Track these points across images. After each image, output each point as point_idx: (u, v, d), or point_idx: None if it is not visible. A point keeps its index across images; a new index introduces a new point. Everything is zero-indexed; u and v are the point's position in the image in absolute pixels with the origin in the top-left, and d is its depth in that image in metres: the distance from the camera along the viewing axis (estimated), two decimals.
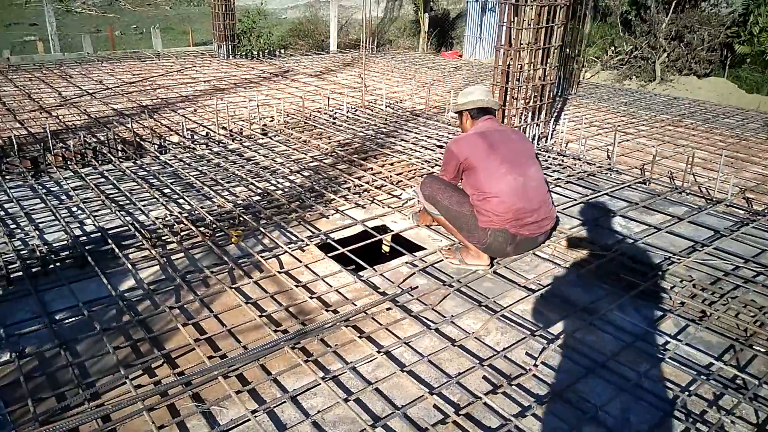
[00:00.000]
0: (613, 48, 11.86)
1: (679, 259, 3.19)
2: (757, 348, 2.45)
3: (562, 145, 5.46)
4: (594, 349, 2.47)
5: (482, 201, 3.00)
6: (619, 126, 6.47)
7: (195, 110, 6.63)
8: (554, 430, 2.03)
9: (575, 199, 4.11)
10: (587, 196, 4.18)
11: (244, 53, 11.17)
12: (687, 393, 2.19)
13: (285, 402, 2.14)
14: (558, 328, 2.62)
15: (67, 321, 2.58)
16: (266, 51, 11.53)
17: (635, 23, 11.47)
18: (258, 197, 4.02)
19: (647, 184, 4.54)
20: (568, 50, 7.80)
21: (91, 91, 7.40)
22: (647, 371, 2.33)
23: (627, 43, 11.56)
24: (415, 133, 5.77)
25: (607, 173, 4.77)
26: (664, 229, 3.63)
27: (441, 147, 5.29)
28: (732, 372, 2.31)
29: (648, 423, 2.06)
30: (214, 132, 5.64)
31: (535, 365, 2.35)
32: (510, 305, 2.79)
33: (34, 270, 2.97)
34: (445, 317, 2.69)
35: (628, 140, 5.90)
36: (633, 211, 3.96)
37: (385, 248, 3.84)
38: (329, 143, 5.34)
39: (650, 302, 2.83)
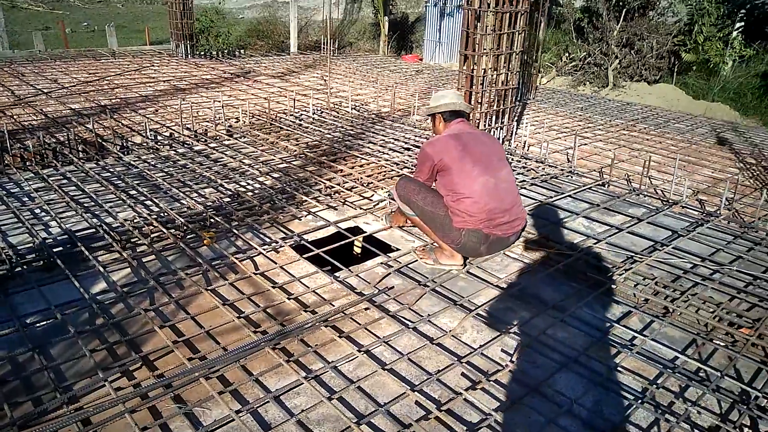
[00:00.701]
0: (567, 54, 12.23)
1: (641, 258, 3.35)
2: (717, 342, 2.61)
3: (525, 149, 5.62)
4: (566, 344, 2.58)
5: (456, 202, 3.07)
6: (577, 130, 6.69)
7: (156, 110, 6.50)
8: (533, 423, 2.10)
9: (540, 201, 4.25)
10: (551, 198, 4.33)
11: (202, 53, 10.99)
12: (655, 386, 2.31)
13: (268, 402, 2.14)
14: (530, 325, 2.71)
15: (39, 324, 2.51)
16: (225, 51, 11.38)
17: (588, 30, 11.86)
18: (228, 199, 3.99)
19: (606, 186, 4.73)
20: (525, 56, 8.02)
21: (46, 90, 7.15)
22: (617, 365, 2.44)
23: (580, 50, 11.95)
24: (382, 135, 5.82)
25: (568, 176, 4.94)
26: (625, 230, 3.80)
27: (409, 149, 5.36)
28: (695, 365, 2.45)
29: (620, 414, 2.17)
30: (179, 133, 5.54)
31: (511, 361, 2.43)
32: (484, 304, 2.87)
33: (0, 273, 2.87)
34: (422, 316, 2.75)
35: (586, 144, 6.12)
36: (594, 212, 4.13)
37: (357, 250, 3.87)
38: (297, 145, 5.34)
39: (616, 300, 2.96)
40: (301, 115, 6.51)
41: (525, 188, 4.55)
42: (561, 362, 2.45)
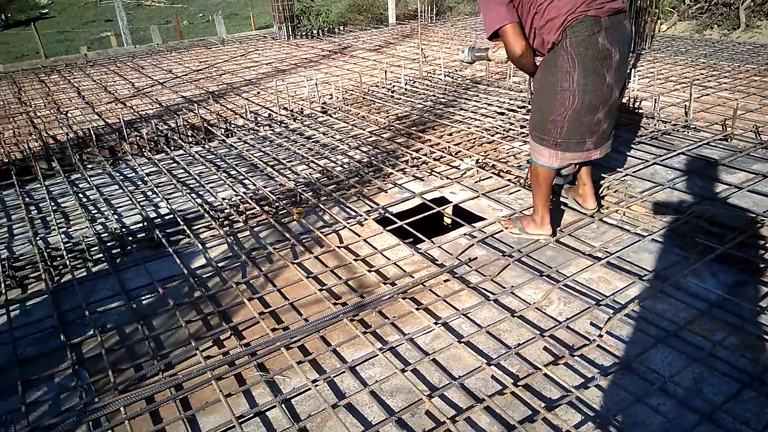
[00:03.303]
0: None
1: (763, 220, 2.96)
2: None
3: (635, 104, 5.16)
4: (665, 318, 2.35)
5: (546, 11, 2.45)
6: (697, 80, 6.03)
7: (258, 93, 6.78)
8: (619, 401, 1.96)
9: (647, 160, 3.89)
10: (660, 156, 3.94)
11: (303, 33, 11.26)
12: (765, 366, 2.05)
13: (344, 372, 2.18)
14: (626, 296, 2.51)
15: (144, 298, 2.75)
16: (326, 29, 11.58)
17: None
18: (318, 175, 4.08)
19: (729, 140, 4.22)
20: (639, 2, 7.32)
21: (161, 81, 7.73)
22: (723, 340, 2.19)
23: None
24: (475, 101, 5.63)
25: (683, 131, 4.47)
26: (746, 188, 3.37)
27: (502, 114, 5.14)
28: None
29: (724, 394, 1.95)
30: (276, 113, 5.75)
31: (600, 335, 2.27)
32: (574, 274, 2.70)
33: (113, 251, 3.17)
34: (504, 288, 2.64)
35: (708, 95, 5.49)
36: (712, 170, 3.70)
37: (447, 220, 3.80)
38: (387, 117, 5.32)
39: (729, 268, 2.65)
40: (393, 86, 6.47)
41: (632, 146, 4.19)
42: (658, 337, 2.25)
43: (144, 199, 3.90)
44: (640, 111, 4.94)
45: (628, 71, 3.37)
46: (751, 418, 1.86)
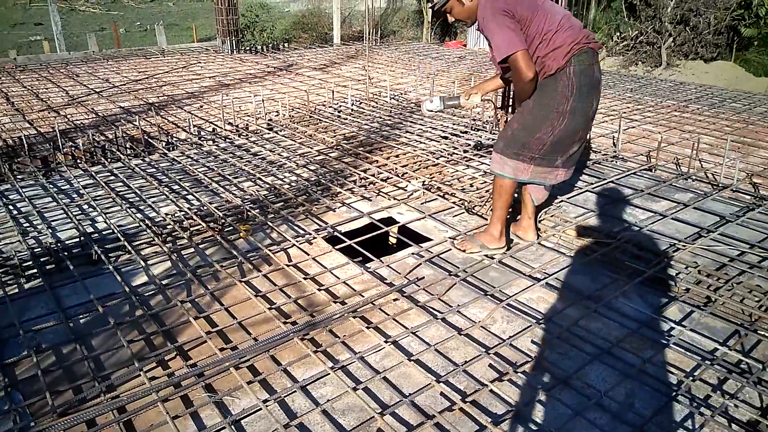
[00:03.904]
0: (618, 34, 11.78)
1: (684, 246, 3.21)
2: (762, 333, 2.47)
3: None
4: (599, 336, 2.50)
5: (552, 40, 2.65)
6: (624, 113, 6.45)
7: (201, 106, 6.68)
8: (559, 416, 2.06)
9: (580, 188, 4.12)
10: (592, 184, 4.19)
11: (248, 48, 11.20)
12: (691, 378, 2.22)
13: (295, 391, 2.19)
14: (563, 315, 2.65)
15: (82, 316, 2.64)
16: (270, 45, 11.56)
17: (640, 8, 11.38)
18: (265, 192, 4.06)
19: (653, 170, 4.54)
20: None
21: (98, 90, 7.47)
22: (652, 357, 2.35)
23: (632, 29, 11.48)
24: (420, 124, 5.79)
25: (612, 161, 4.77)
26: (669, 216, 3.64)
27: (446, 138, 5.30)
28: (736, 357, 2.33)
29: (652, 408, 2.10)
30: (221, 128, 5.68)
31: (542, 353, 2.38)
32: (516, 294, 2.82)
33: (48, 267, 3.04)
34: (451, 307, 2.73)
35: (633, 127, 5.89)
36: (638, 198, 3.97)
37: (392, 240, 3.87)
38: (335, 137, 5.38)
39: (655, 289, 2.85)
40: (340, 106, 6.55)
41: None
42: (593, 354, 2.39)
43: (80, 213, 3.75)
44: None
45: None
46: (677, 428, 2.01)
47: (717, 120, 6.21)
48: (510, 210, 3.24)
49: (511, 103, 5.14)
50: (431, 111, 3.29)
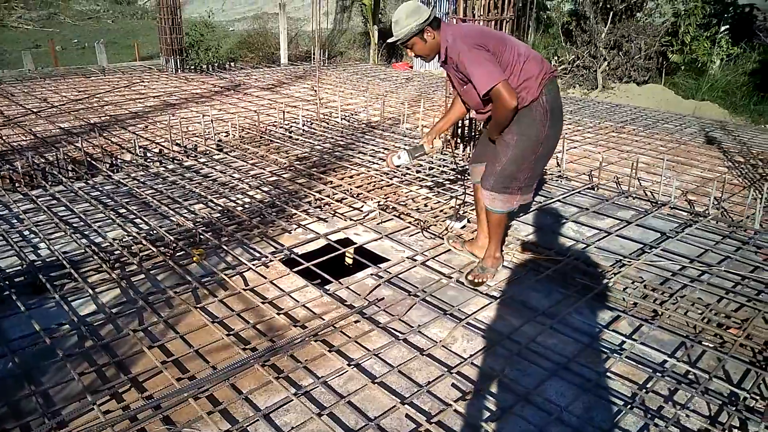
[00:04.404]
0: (556, 58, 12.30)
1: (629, 262, 3.36)
2: (706, 343, 2.61)
3: None
4: (555, 351, 2.58)
5: (522, 72, 2.77)
6: (566, 134, 6.72)
7: (146, 127, 6.51)
8: None
9: (529, 206, 4.26)
10: (540, 203, 4.34)
11: (192, 67, 11.01)
12: (644, 390, 2.32)
13: (258, 420, 2.14)
14: (521, 332, 2.72)
15: (27, 348, 2.50)
16: (215, 64, 11.41)
17: (576, 33, 11.94)
18: (218, 214, 3.99)
19: (596, 189, 4.75)
20: None
21: (35, 110, 7.15)
22: (606, 371, 2.44)
23: (569, 53, 12.01)
24: (372, 145, 5.84)
25: (557, 180, 4.96)
26: (614, 233, 3.81)
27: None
28: (684, 368, 2.45)
29: (610, 421, 2.17)
30: (168, 149, 5.55)
31: (503, 371, 2.43)
32: (474, 312, 2.87)
33: None
34: (412, 327, 2.75)
35: (575, 147, 6.15)
36: (584, 216, 4.14)
37: (349, 260, 3.87)
38: (287, 157, 5.35)
39: (605, 304, 2.97)
40: (291, 127, 6.53)
41: None
42: (551, 370, 2.45)
43: (21, 239, 3.57)
44: None
45: None
46: None
47: (652, 140, 6.57)
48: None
49: (475, 133, 5.29)
50: (400, 166, 3.33)
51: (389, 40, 2.99)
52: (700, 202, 4.51)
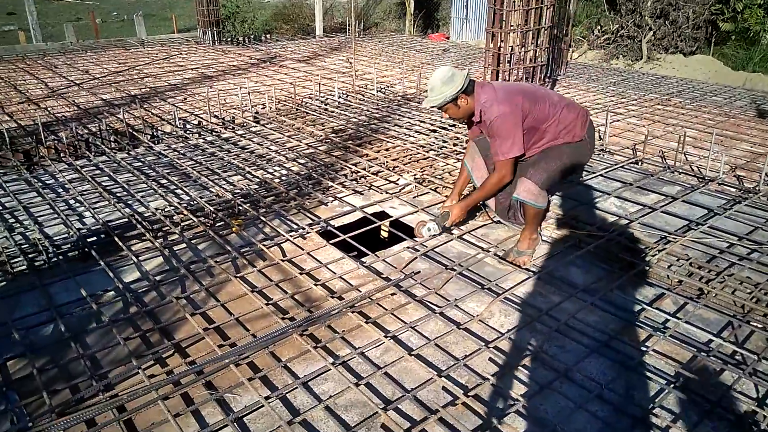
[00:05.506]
0: (599, 27, 11.88)
1: (675, 238, 3.26)
2: (755, 324, 2.53)
3: None
4: (596, 329, 2.53)
5: (561, 118, 3.03)
6: (609, 106, 6.51)
7: (185, 99, 6.58)
8: (561, 409, 2.08)
9: (571, 181, 4.15)
10: (582, 178, 4.23)
11: (229, 39, 11.04)
12: (688, 370, 2.26)
13: (297, 388, 2.17)
14: (560, 309, 2.67)
15: (75, 314, 2.59)
16: (251, 36, 11.41)
17: (620, 2, 11.48)
18: (256, 186, 4.02)
19: (640, 164, 4.60)
20: (555, 30, 7.81)
21: (78, 82, 7.30)
22: (648, 349, 2.39)
23: (613, 22, 11.59)
24: (408, 117, 5.78)
25: (600, 154, 4.82)
26: (659, 209, 3.69)
27: (435, 131, 5.30)
28: (731, 348, 2.38)
29: (651, 400, 2.13)
30: (206, 121, 5.60)
31: (541, 347, 2.40)
32: (512, 288, 2.84)
33: (37, 264, 2.97)
34: (449, 301, 2.73)
35: (618, 120, 5.95)
36: (627, 191, 4.02)
37: (384, 234, 3.87)
38: (323, 130, 5.34)
39: (649, 281, 2.89)
40: (327, 99, 6.50)
41: None
42: (591, 347, 2.41)
43: (67, 208, 3.67)
44: None
45: None
46: (677, 419, 2.04)
47: (699, 113, 6.31)
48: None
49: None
50: (432, 236, 3.33)
51: (423, 104, 3.20)
52: (750, 178, 4.32)
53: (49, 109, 5.95)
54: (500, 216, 3.47)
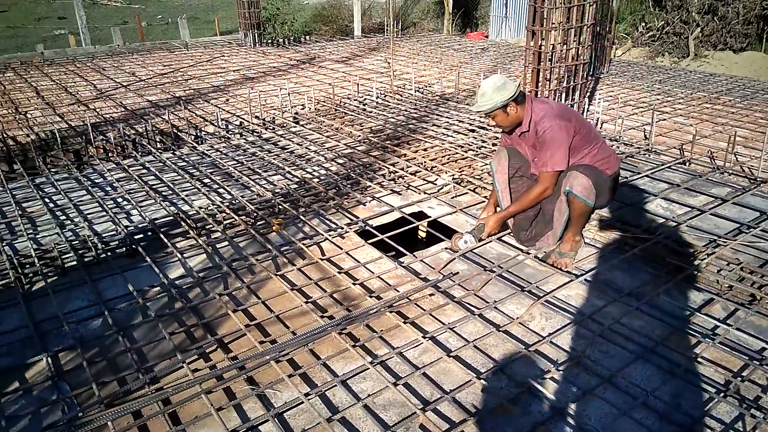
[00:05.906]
0: (643, 24, 11.56)
1: (725, 242, 3.14)
2: None
3: (598, 126, 5.38)
4: (642, 334, 2.46)
5: (603, 147, 3.05)
6: (654, 105, 6.33)
7: (227, 100, 6.71)
8: (605, 415, 2.03)
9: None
10: (627, 178, 4.12)
11: (269, 41, 11.21)
12: (740, 378, 2.17)
13: (336, 386, 2.19)
14: (604, 313, 2.61)
15: (122, 308, 2.67)
16: (291, 38, 11.55)
17: None
18: (295, 185, 4.07)
19: (687, 164, 4.46)
20: (598, 27, 7.65)
21: (124, 83, 7.53)
22: (697, 356, 2.31)
23: (658, 19, 11.26)
24: (447, 117, 5.75)
25: (645, 154, 4.69)
26: (707, 211, 3.57)
27: (474, 131, 5.26)
28: None
29: (700, 408, 2.06)
30: (248, 121, 5.70)
31: (584, 351, 2.35)
32: (553, 290, 2.79)
33: (86, 259, 3.07)
34: (488, 302, 2.71)
35: (664, 119, 5.78)
36: (674, 192, 3.90)
37: (422, 234, 3.86)
38: (361, 130, 5.36)
39: (697, 286, 2.80)
40: (365, 99, 6.53)
41: None
42: (636, 352, 2.35)
43: (115, 205, 3.79)
44: (604, 135, 5.15)
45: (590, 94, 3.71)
46: (726, 430, 1.97)
47: (750, 112, 6.07)
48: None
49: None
50: (469, 249, 3.24)
51: (472, 109, 3.20)
52: None
53: (97, 110, 6.16)
54: (515, 234, 3.30)
